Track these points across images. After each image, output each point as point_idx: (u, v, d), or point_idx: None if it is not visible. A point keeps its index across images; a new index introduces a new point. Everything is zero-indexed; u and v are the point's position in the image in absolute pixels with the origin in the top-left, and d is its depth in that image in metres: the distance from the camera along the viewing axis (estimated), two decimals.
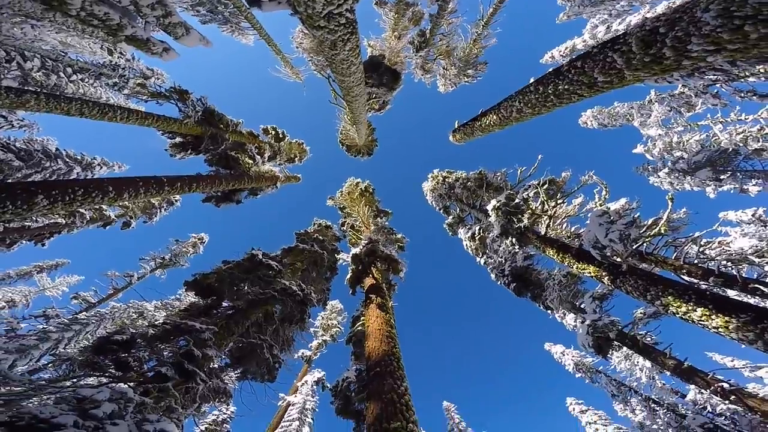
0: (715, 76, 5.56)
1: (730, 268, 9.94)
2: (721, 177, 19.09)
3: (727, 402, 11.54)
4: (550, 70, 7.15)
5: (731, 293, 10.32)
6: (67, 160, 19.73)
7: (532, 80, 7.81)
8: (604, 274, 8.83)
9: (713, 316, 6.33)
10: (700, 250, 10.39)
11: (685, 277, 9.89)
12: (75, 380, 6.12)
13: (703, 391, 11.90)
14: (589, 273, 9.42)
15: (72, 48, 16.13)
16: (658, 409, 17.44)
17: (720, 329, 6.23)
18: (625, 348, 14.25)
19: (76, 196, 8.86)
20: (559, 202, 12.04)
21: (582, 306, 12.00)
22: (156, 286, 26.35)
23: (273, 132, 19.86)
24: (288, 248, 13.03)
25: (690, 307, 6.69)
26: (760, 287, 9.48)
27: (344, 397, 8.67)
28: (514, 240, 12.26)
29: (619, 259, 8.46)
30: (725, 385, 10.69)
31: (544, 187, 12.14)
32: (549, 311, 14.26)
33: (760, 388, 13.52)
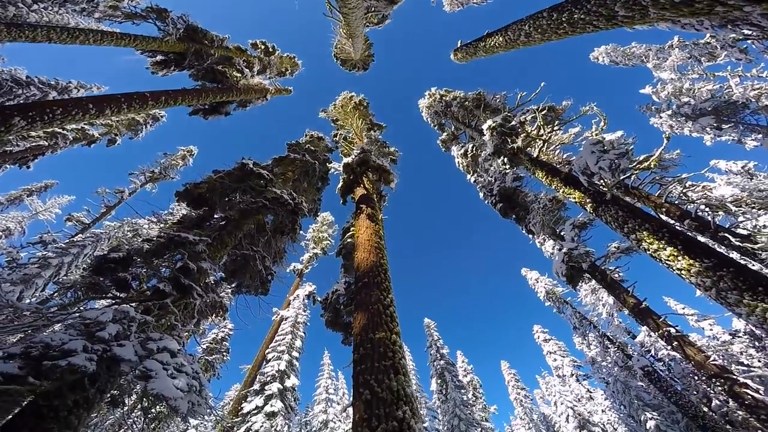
0: (750, 31, 5.31)
1: (706, 213, 10.29)
2: (723, 126, 18.84)
3: (669, 348, 12.62)
4: None
5: (702, 239, 10.86)
6: (41, 86, 18.51)
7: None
8: (588, 200, 9.02)
9: (680, 257, 6.52)
10: (683, 191, 10.62)
11: (663, 216, 10.25)
12: (81, 306, 6.42)
13: (652, 333, 12.87)
14: (574, 198, 9.61)
15: None
16: (610, 346, 19.37)
17: (683, 272, 6.46)
18: (593, 282, 15.29)
19: (55, 116, 8.61)
20: (555, 128, 11.84)
21: (562, 234, 12.52)
22: (148, 199, 26.49)
23: (262, 46, 18.56)
24: (279, 158, 12.64)
25: (661, 245, 6.91)
26: (729, 236, 9.92)
27: (334, 310, 9.24)
28: (506, 159, 12.27)
29: (605, 188, 8.63)
30: (672, 330, 11.46)
31: (543, 112, 11.78)
32: (531, 235, 14.80)
33: (699, 339, 15.00)
